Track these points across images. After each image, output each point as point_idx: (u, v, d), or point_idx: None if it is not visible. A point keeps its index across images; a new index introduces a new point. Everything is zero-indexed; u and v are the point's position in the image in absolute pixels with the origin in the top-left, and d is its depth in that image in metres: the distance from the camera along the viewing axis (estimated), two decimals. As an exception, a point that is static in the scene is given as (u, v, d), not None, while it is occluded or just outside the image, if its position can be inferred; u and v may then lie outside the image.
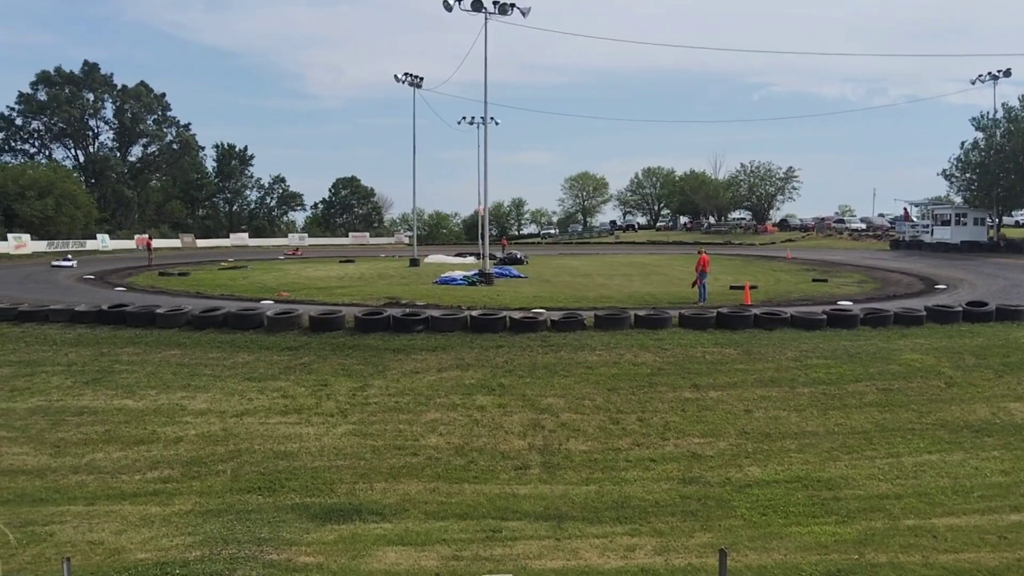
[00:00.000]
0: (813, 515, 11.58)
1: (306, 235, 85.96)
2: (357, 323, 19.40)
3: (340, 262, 49.58)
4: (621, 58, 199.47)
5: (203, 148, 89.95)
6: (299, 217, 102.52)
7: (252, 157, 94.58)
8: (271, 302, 24.76)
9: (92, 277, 35.87)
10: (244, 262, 48.89)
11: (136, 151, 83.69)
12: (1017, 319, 20.50)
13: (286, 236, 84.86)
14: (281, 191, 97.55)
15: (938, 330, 19.64)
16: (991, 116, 54.26)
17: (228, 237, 78.44)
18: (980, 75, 55.76)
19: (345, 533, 11.04)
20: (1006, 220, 60.38)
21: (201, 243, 73.36)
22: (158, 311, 20.54)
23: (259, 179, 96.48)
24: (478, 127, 52.03)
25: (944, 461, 13.40)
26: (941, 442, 14.10)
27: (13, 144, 76.22)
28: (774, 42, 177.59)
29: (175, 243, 70.08)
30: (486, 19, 33.19)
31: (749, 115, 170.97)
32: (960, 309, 20.92)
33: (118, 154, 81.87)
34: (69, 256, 45.54)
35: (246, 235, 79.99)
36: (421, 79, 48.72)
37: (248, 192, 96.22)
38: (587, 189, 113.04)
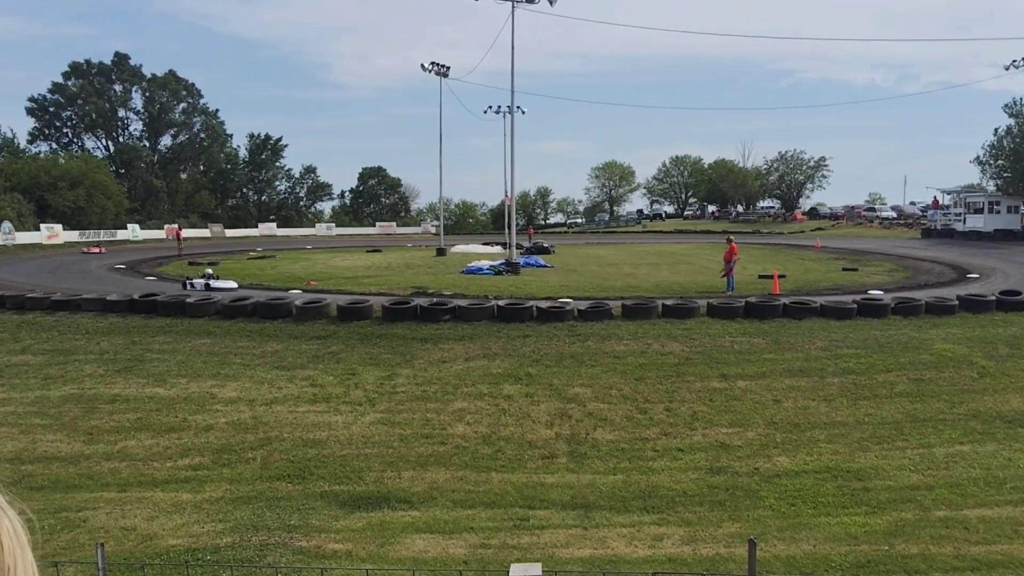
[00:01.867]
0: (843, 506, 11.49)
1: (333, 224, 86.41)
2: (384, 312, 19.50)
3: (367, 252, 49.79)
4: (647, 45, 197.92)
5: (231, 136, 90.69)
6: (327, 207, 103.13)
7: (285, 147, 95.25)
8: (299, 291, 24.95)
9: (123, 267, 36.34)
10: (273, 251, 49.27)
11: (165, 141, 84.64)
12: (1052, 308, 20.15)
13: (314, 226, 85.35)
14: (311, 181, 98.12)
15: (971, 319, 19.36)
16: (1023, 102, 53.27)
17: (257, 227, 79.00)
18: (1014, 60, 54.72)
19: (373, 520, 11.12)
20: (1040, 208, 59.31)
21: (230, 233, 73.88)
22: (188, 301, 20.77)
23: (289, 169, 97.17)
24: (504, 116, 51.87)
25: (976, 452, 13.22)
26: (973, 433, 13.91)
27: (47, 133, 77.24)
28: (801, 28, 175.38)
29: (204, 233, 70.65)
30: (513, 7, 33.10)
31: (777, 102, 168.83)
32: (993, 298, 20.60)
33: (147, 144, 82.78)
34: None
35: (274, 225, 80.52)
36: (448, 68, 48.69)
37: (278, 182, 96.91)
38: (614, 178, 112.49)
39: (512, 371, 16.31)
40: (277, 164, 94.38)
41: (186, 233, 57.33)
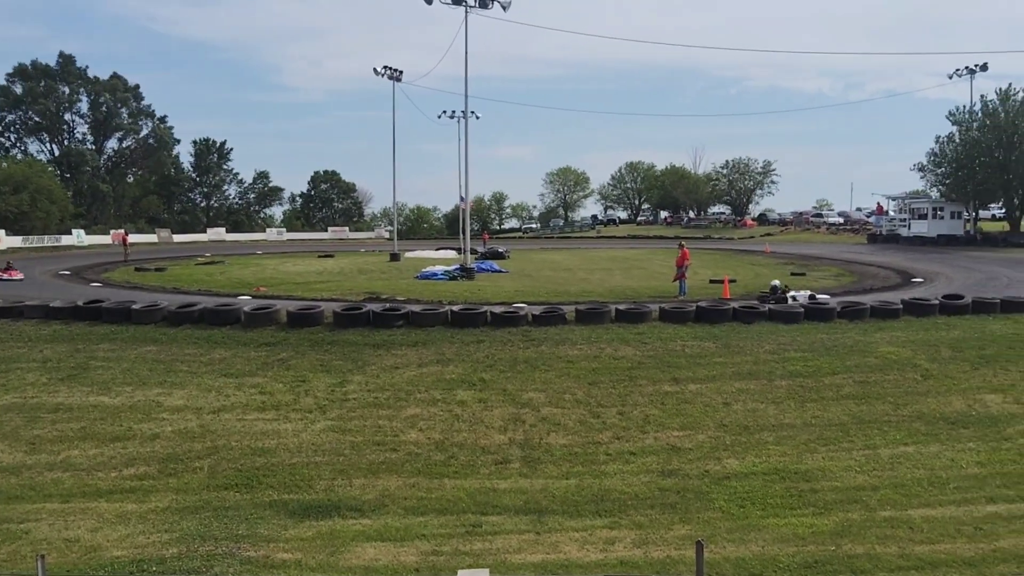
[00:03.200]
0: (791, 507, 11.66)
1: (284, 229, 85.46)
2: (336, 318, 19.31)
3: (319, 257, 49.35)
4: (601, 52, 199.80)
5: (179, 142, 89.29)
6: (278, 212, 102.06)
7: (231, 151, 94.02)
8: (249, 297, 24.60)
9: (68, 273, 35.47)
10: (222, 257, 48.54)
11: (112, 145, 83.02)
12: (993, 312, 20.70)
13: (264, 231, 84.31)
14: (262, 186, 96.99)
15: (914, 323, 19.81)
16: (967, 110, 54.80)
17: (205, 232, 77.82)
18: (957, 69, 56.40)
19: (323, 529, 11.00)
20: (982, 214, 61.05)
21: (178, 238, 72.64)
22: (134, 307, 20.34)
23: (237, 173, 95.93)
24: (459, 121, 52.04)
25: (920, 453, 13.52)
26: (917, 434, 14.22)
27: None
28: (750, 36, 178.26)
29: (151, 238, 69.35)
30: (467, 12, 33.16)
31: (727, 109, 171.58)
32: (936, 302, 21.10)
33: (93, 148, 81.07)
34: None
35: (224, 230, 79.37)
36: (401, 72, 48.61)
37: (226, 187, 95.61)
38: (568, 183, 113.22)
39: (466, 377, 16.26)
40: (225, 168, 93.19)
41: (133, 238, 56.17)
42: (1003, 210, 58.28)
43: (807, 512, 11.48)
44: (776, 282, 25.61)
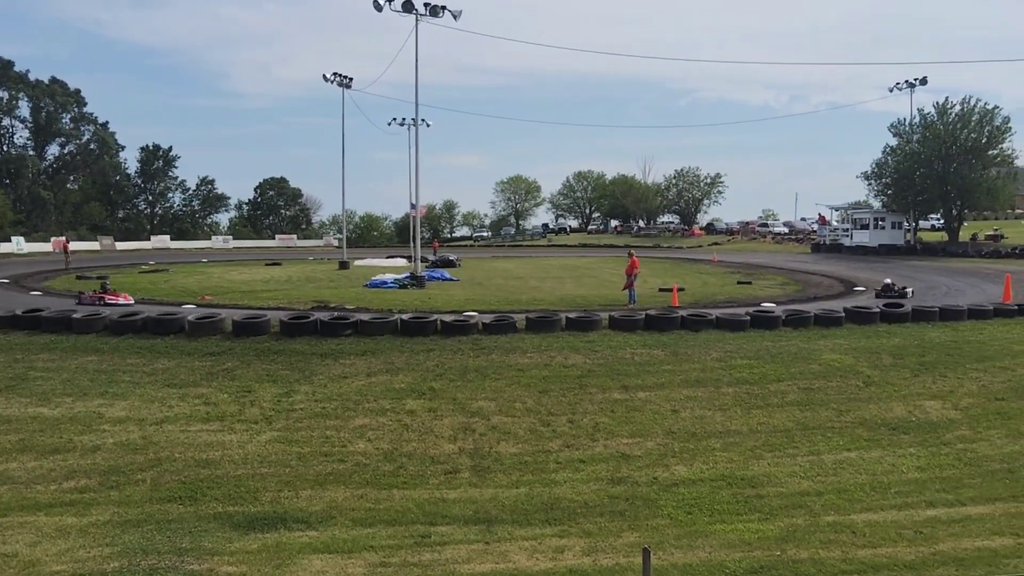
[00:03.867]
0: (737, 513, 11.79)
1: (231, 237, 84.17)
2: (283, 327, 19.04)
3: (266, 265, 48.65)
4: (552, 62, 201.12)
5: (123, 148, 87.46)
6: (223, 219, 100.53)
7: (177, 158, 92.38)
8: (193, 306, 24.14)
9: (7, 281, 34.41)
10: (166, 265, 47.59)
11: (53, 151, 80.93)
12: (932, 320, 21.27)
13: (210, 239, 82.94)
14: (207, 192, 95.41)
15: (856, 331, 20.24)
16: (908, 123, 56.37)
17: (149, 240, 76.31)
18: (898, 83, 58.00)
19: (269, 542, 10.80)
20: (922, 224, 62.78)
21: (121, 246, 71.14)
22: (74, 316, 19.81)
23: (183, 180, 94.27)
24: (409, 128, 51.84)
25: (862, 458, 13.78)
26: (860, 440, 14.51)
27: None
28: (699, 49, 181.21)
29: (94, 246, 67.76)
30: (417, 20, 33.01)
31: (676, 120, 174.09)
32: (877, 310, 21.61)
33: (34, 154, 78.94)
34: None
35: (168, 237, 77.90)
36: (350, 79, 48.31)
37: (171, 194, 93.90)
38: (519, 192, 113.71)
39: (415, 386, 16.15)
40: (170, 175, 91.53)
41: (74, 246, 54.73)
42: (942, 220, 60.02)
43: (753, 518, 11.61)
44: (888, 280, 28.43)
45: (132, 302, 24.76)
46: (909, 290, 26.93)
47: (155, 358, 17.55)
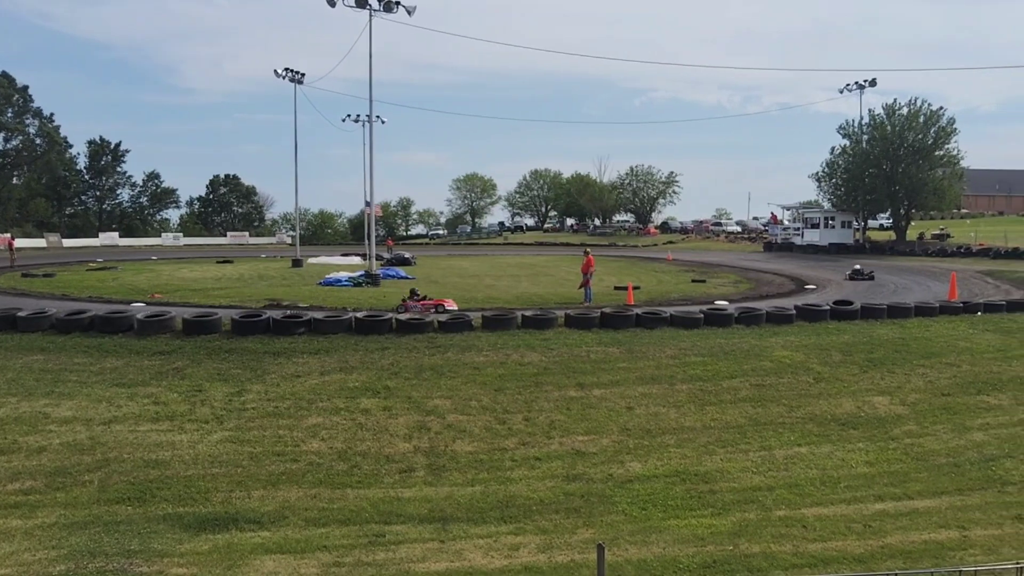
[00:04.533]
0: (691, 508, 11.89)
1: (181, 234, 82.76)
2: (234, 326, 18.74)
3: (218, 263, 47.97)
4: (508, 60, 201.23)
5: (71, 145, 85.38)
6: (174, 216, 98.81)
7: (126, 153, 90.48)
8: (142, 304, 23.66)
9: (-55, 279, 33.41)
10: (114, 263, 46.61)
11: (-3, 146, 78.68)
12: (880, 317, 21.71)
13: (160, 236, 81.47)
14: (155, 188, 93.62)
15: (807, 328, 20.57)
16: (857, 124, 57.47)
17: (97, 237, 74.65)
18: (848, 84, 59.19)
19: (220, 543, 10.62)
20: (871, 223, 64.06)
21: (68, 243, 69.59)
22: (19, 314, 19.26)
23: (131, 176, 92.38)
24: (363, 125, 51.44)
25: (813, 453, 14.01)
26: (810, 435, 14.74)
27: None
28: (655, 49, 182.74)
29: (39, 243, 66.14)
30: (371, 16, 32.80)
31: (632, 119, 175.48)
32: (828, 308, 21.98)
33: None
34: None
35: (117, 234, 76.31)
36: (303, 75, 47.85)
37: (120, 190, 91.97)
38: (475, 190, 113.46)
39: (370, 384, 16.01)
40: (119, 170, 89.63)
41: (20, 243, 53.38)
42: (890, 220, 61.31)
43: (706, 513, 11.73)
44: (858, 265, 32.73)
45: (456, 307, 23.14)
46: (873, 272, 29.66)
47: (103, 357, 17.15)
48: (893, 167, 53.67)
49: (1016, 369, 18.09)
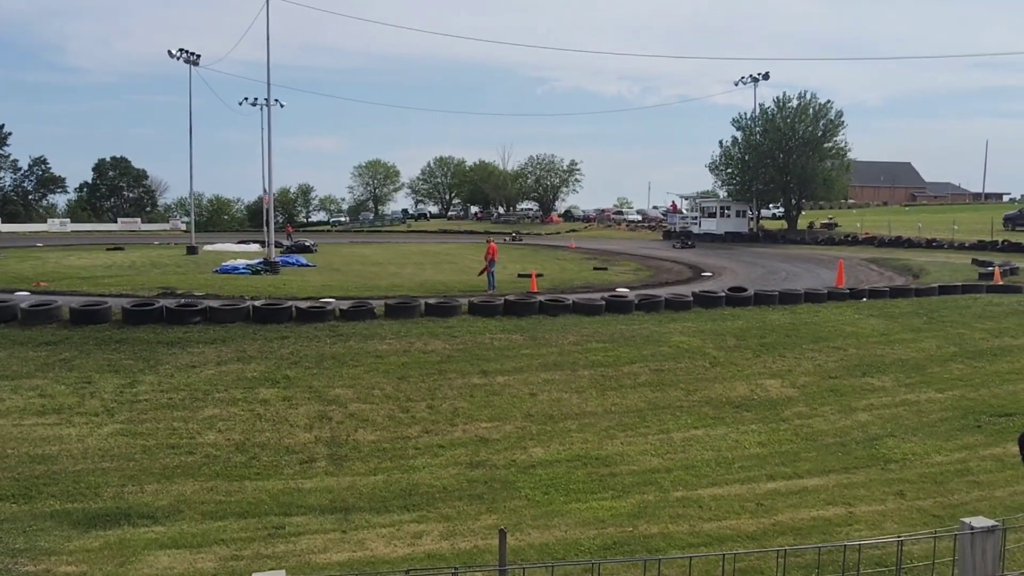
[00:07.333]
0: (592, 491, 12.12)
1: (68, 220, 78.98)
2: (125, 315, 18.00)
3: (107, 250, 45.99)
4: (411, 46, 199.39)
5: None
6: (60, 201, 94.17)
7: (8, 135, 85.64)
8: (27, 293, 22.48)
9: None
10: (-5, 249, 44.17)
11: None
12: (772, 303, 22.51)
13: (45, 222, 77.56)
14: (41, 173, 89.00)
15: (704, 314, 21.17)
16: (750, 116, 59.34)
17: (-25, 222, 70.56)
18: (742, 77, 60.92)
19: (112, 539, 10.24)
20: (764, 213, 66.37)
21: (-56, 229, 65.50)
22: None
23: (15, 160, 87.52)
24: (262, 109, 50.13)
25: (709, 435, 14.46)
26: (706, 418, 15.20)
27: None
28: (556, 38, 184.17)
29: (-89, 228, 62.09)
30: (269, -3, 31.92)
31: (534, 108, 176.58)
32: (723, 295, 22.67)
33: None
34: None
35: (-2, 220, 72.33)
36: (198, 56, 46.21)
37: (2, 174, 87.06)
38: (378, 177, 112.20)
39: (269, 374, 15.67)
40: (2, 153, 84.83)
41: None
42: (782, 209, 63.65)
43: (607, 496, 11.97)
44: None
45: None
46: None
47: (-19, 349, 16.23)
48: (785, 158, 55.66)
49: (898, 352, 19.07)
